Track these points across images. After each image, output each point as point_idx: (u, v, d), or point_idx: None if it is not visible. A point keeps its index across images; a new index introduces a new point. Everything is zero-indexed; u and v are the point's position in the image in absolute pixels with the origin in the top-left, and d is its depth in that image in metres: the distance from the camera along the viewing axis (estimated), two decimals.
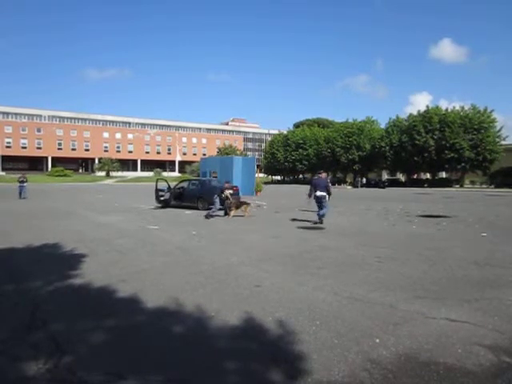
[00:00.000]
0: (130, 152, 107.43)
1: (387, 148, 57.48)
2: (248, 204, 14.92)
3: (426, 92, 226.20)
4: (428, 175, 61.31)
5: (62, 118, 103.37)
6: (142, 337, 3.65)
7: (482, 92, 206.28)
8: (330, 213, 14.12)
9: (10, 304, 4.61)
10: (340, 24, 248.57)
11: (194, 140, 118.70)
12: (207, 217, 13.95)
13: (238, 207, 14.61)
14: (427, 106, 56.12)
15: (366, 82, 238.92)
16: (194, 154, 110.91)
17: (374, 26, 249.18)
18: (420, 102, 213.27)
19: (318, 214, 12.37)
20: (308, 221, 12.81)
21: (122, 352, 3.34)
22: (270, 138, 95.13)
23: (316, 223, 12.20)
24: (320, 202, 12.47)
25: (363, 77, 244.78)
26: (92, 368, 3.02)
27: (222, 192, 14.86)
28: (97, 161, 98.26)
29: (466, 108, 53.79)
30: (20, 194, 24.91)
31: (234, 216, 14.25)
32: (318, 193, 12.48)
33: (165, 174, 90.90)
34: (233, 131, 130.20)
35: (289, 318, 4.06)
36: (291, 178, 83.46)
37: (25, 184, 25.41)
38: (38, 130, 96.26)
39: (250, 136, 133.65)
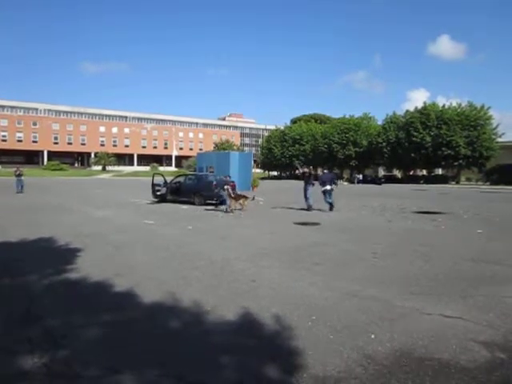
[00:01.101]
0: (127, 146, 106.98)
1: (384, 144, 57.54)
2: (246, 198, 15.09)
3: (424, 89, 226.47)
4: (424, 172, 61.49)
5: (58, 112, 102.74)
6: (138, 332, 3.65)
7: (479, 89, 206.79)
8: (326, 208, 14.35)
9: (4, 298, 4.59)
10: (338, 20, 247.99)
11: (191, 135, 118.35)
12: (226, 211, 14.25)
13: (236, 200, 14.80)
14: (424, 103, 56.17)
15: (363, 79, 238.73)
16: (191, 149, 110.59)
17: (373, 22, 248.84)
18: (417, 99, 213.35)
19: (330, 203, 14.57)
20: (301, 210, 12.83)
21: (118, 347, 3.34)
22: (266, 134, 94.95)
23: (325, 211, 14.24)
24: (328, 194, 14.69)
25: (361, 73, 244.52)
26: (88, 362, 3.02)
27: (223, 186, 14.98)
28: (93, 155, 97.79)
29: (463, 105, 53.94)
30: (17, 187, 24.68)
31: (233, 209, 14.48)
32: (328, 186, 14.70)
33: (161, 168, 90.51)
34: (230, 126, 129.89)
35: (285, 313, 4.07)
36: (288, 173, 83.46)
37: (22, 178, 25.20)
38: (34, 124, 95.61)
39: (247, 131, 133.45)
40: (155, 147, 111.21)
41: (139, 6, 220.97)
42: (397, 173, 66.52)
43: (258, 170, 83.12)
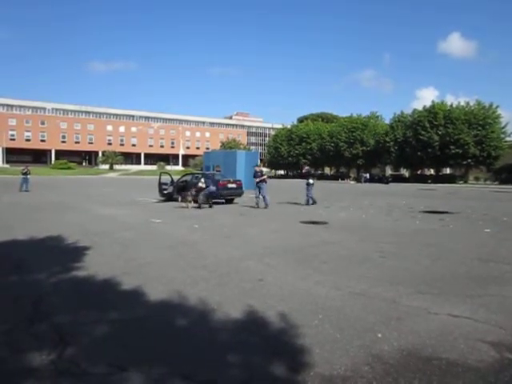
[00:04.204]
0: (134, 145, 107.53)
1: (391, 143, 57.30)
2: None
3: (433, 87, 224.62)
4: (432, 171, 61.11)
5: (65, 111, 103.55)
6: (145, 329, 3.66)
7: (489, 88, 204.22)
8: (333, 207, 14.32)
9: (13, 296, 4.63)
10: (347, 19, 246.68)
11: (198, 134, 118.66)
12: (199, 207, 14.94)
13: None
14: (433, 101, 55.81)
15: (372, 77, 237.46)
16: (198, 148, 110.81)
17: (382, 20, 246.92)
18: (426, 98, 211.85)
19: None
20: (307, 208, 12.80)
21: (125, 344, 3.35)
22: (273, 133, 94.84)
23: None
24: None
25: (370, 71, 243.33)
26: (95, 360, 3.04)
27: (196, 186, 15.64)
28: (100, 154, 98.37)
29: (471, 104, 53.55)
30: (22, 186, 24.77)
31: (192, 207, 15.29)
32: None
33: (168, 167, 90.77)
34: (236, 125, 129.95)
35: (291, 312, 4.06)
36: (294, 172, 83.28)
37: (28, 176, 25.36)
38: (42, 123, 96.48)
39: (254, 130, 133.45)
40: (162, 146, 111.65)
41: (147, 4, 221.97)
42: (404, 172, 66.21)
43: (265, 169, 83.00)
